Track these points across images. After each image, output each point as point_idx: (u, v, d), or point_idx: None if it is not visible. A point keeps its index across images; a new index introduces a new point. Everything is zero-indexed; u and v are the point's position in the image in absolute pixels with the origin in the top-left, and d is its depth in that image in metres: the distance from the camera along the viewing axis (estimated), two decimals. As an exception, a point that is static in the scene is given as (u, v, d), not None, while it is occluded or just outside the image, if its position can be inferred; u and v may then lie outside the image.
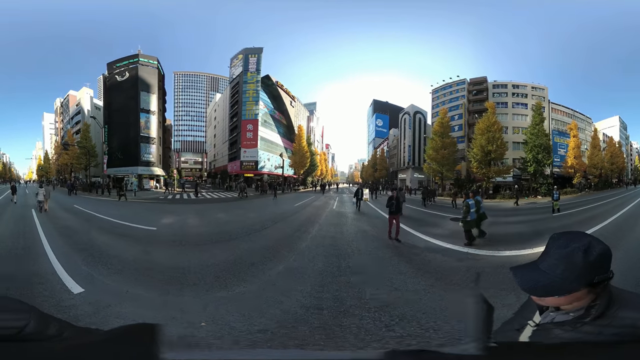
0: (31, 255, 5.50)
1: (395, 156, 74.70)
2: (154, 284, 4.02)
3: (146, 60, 43.79)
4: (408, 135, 66.14)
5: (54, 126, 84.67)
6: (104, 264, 4.84)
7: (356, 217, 11.90)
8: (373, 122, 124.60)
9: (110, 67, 44.63)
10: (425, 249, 6.40)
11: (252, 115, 55.23)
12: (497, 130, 31.06)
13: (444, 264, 5.29)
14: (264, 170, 54.84)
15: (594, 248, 0.75)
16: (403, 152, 68.09)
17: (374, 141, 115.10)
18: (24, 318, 0.71)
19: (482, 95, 46.54)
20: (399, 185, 56.08)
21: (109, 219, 10.66)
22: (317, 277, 4.29)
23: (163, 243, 6.94)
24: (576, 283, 0.74)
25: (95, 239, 7.04)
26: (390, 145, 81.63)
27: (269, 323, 2.79)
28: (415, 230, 8.46)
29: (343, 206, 16.97)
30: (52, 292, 3.57)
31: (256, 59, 55.53)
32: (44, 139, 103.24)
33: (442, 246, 6.60)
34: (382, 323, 2.78)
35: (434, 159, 35.67)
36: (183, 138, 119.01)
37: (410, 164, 64.74)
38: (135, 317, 2.95)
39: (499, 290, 3.41)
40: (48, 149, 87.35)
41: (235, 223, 10.54)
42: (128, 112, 39.46)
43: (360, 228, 9.14)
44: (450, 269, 4.96)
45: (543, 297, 0.79)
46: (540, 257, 0.81)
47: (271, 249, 6.22)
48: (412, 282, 4.15)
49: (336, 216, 12.18)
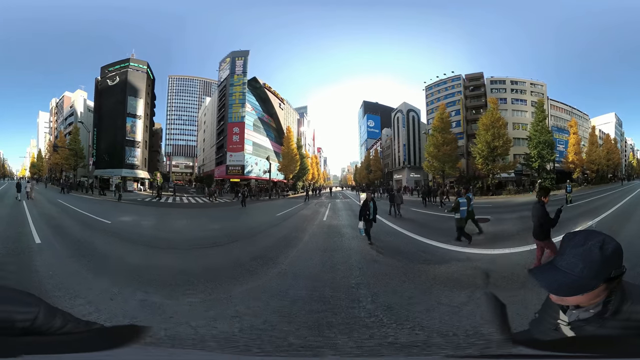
0: (19, 222, 9.28)
1: (389, 156, 75.46)
2: (79, 248, 7.59)
3: (137, 64, 47.93)
4: (402, 134, 66.85)
5: (48, 125, 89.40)
6: (59, 234, 8.41)
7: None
8: (364, 123, 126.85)
9: (103, 70, 48.98)
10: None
11: (238, 118, 56.20)
12: (502, 126, 32.09)
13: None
14: (251, 175, 55.36)
15: (608, 244, 0.82)
16: (397, 151, 68.76)
17: (366, 142, 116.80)
18: (34, 311, 0.78)
19: (480, 91, 48.25)
20: (397, 186, 55.78)
21: (79, 211, 14.28)
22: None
23: (104, 232, 10.42)
24: (597, 279, 0.80)
25: (63, 221, 10.64)
26: (384, 146, 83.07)
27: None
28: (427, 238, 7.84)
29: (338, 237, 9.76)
30: (27, 242, 7.12)
31: (243, 62, 57.31)
32: (38, 137, 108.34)
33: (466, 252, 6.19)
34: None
35: (435, 156, 35.23)
36: (175, 142, 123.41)
37: (406, 163, 65.39)
38: (55, 255, 6.49)
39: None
40: (42, 147, 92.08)
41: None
42: (116, 116, 43.73)
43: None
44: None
45: (568, 296, 0.84)
46: (556, 257, 0.88)
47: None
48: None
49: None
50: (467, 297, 3.64)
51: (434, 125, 37.13)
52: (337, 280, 4.59)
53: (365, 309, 3.39)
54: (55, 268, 5.10)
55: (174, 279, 4.65)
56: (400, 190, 19.75)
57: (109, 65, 48.71)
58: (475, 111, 47.17)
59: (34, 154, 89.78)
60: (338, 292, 3.97)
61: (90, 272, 4.95)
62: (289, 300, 3.69)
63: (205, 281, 4.44)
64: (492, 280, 4.48)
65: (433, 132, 36.67)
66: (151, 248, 7.38)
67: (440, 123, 35.85)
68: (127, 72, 46.37)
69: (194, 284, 4.36)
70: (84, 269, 5.12)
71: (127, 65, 46.88)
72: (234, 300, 3.72)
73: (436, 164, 35.77)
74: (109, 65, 48.71)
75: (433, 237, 7.91)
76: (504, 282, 4.38)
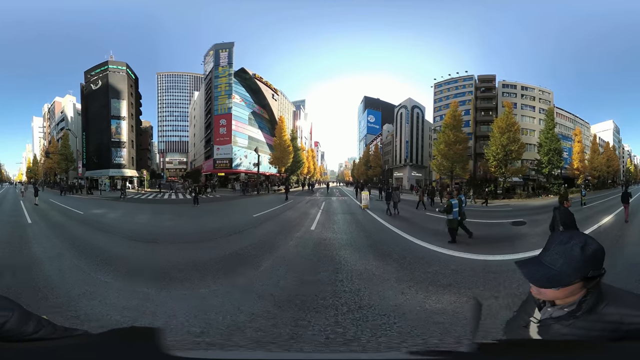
0: (17, 212, 14.14)
1: (390, 153, 75.60)
2: (60, 230, 12.25)
3: (115, 66, 52.12)
4: (405, 130, 66.61)
5: (42, 130, 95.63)
6: (43, 218, 13.07)
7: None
8: (364, 118, 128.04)
9: (86, 75, 53.87)
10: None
11: (225, 110, 56.32)
12: (517, 131, 33.71)
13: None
14: (240, 168, 55.88)
15: (589, 245, 0.91)
16: (399, 148, 68.85)
17: (365, 138, 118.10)
18: (6, 315, 0.78)
19: (491, 93, 50.85)
20: (395, 184, 54.40)
21: (62, 205, 19.06)
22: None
23: (77, 219, 15.08)
24: (573, 275, 0.89)
25: (48, 211, 15.38)
26: (384, 142, 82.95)
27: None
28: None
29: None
30: (23, 221, 11.89)
31: (227, 53, 57.98)
32: (34, 141, 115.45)
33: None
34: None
35: (446, 154, 34.91)
36: (168, 139, 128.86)
37: (407, 161, 65.29)
38: (40, 227, 11.14)
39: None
40: (37, 152, 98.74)
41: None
42: (101, 119, 48.82)
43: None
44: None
45: (545, 288, 0.94)
46: (541, 252, 0.98)
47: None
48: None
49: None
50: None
51: (445, 122, 36.99)
52: None
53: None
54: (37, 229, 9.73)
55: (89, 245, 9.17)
56: (398, 189, 19.40)
57: (91, 70, 53.60)
58: (485, 113, 49.46)
59: (30, 158, 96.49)
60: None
61: (53, 232, 9.54)
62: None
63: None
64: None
65: (444, 129, 36.37)
66: (98, 230, 11.96)
67: (453, 120, 35.67)
68: (108, 75, 50.92)
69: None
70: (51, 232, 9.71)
71: (107, 69, 51.34)
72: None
73: (446, 163, 35.36)
74: (91, 70, 53.60)
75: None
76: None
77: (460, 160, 35.10)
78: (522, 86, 50.85)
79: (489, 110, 49.29)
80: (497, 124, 34.12)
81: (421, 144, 67.76)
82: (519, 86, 50.70)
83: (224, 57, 58.16)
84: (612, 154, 60.81)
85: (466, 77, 53.26)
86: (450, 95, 53.17)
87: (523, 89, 50.77)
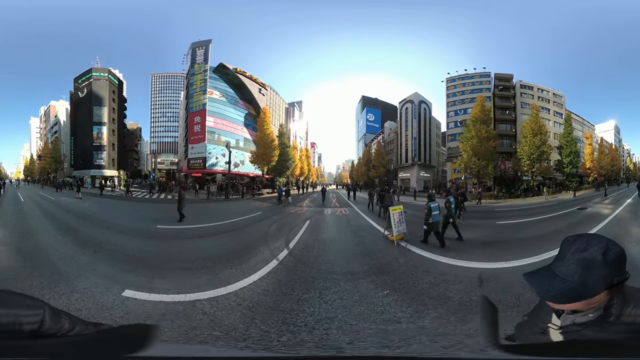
0: (16, 198, 27.26)
1: (393, 152, 76.37)
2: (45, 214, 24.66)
3: (98, 73, 64.64)
4: (413, 126, 66.77)
5: (38, 131, 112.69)
6: (34, 202, 25.57)
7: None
8: (363, 117, 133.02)
9: (75, 82, 67.75)
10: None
11: (199, 106, 59.15)
12: (545, 133, 39.37)
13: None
14: (215, 168, 57.05)
15: (611, 250, 0.91)
16: (404, 146, 69.35)
17: (364, 137, 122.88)
18: (38, 313, 0.88)
19: (509, 92, 55.44)
20: (402, 185, 57.93)
21: (49, 197, 31.59)
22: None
23: (59, 207, 27.39)
24: (597, 286, 0.89)
25: (37, 199, 27.95)
26: (386, 140, 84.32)
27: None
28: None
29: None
30: (19, 200, 24.62)
31: (204, 51, 62.55)
32: (31, 141, 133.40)
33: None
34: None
35: (477, 151, 35.28)
36: (160, 139, 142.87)
37: (415, 159, 65.61)
38: (29, 205, 23.49)
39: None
40: (34, 151, 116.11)
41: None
42: (86, 125, 62.62)
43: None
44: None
45: (564, 303, 0.94)
46: (554, 261, 0.97)
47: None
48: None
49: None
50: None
51: (474, 116, 37.72)
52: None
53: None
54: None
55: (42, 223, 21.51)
56: (392, 190, 20.80)
57: (78, 77, 67.51)
58: (501, 111, 54.02)
59: (27, 158, 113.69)
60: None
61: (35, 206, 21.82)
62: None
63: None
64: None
65: (474, 123, 36.67)
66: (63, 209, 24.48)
67: (482, 114, 36.82)
68: (92, 82, 63.87)
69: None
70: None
71: (91, 76, 64.23)
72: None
73: (477, 161, 35.37)
74: (78, 77, 67.51)
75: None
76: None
77: (492, 158, 36.02)
78: (539, 88, 57.05)
79: (506, 109, 54.43)
80: (528, 126, 38.87)
81: (429, 142, 69.00)
82: (536, 88, 56.75)
83: (200, 54, 62.43)
84: (615, 154, 72.38)
85: (482, 73, 56.70)
86: (466, 90, 56.79)
87: (539, 90, 57.02)
